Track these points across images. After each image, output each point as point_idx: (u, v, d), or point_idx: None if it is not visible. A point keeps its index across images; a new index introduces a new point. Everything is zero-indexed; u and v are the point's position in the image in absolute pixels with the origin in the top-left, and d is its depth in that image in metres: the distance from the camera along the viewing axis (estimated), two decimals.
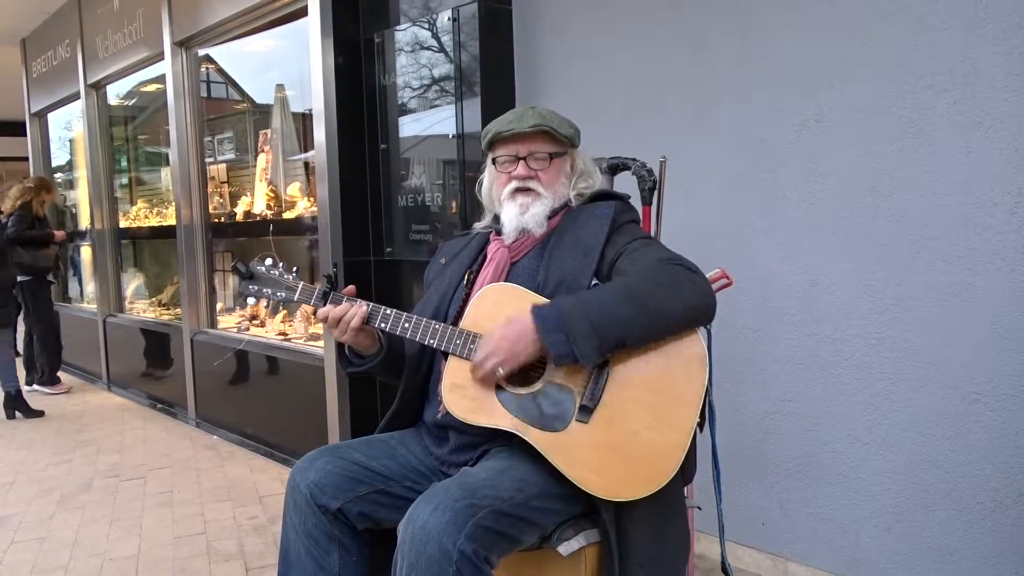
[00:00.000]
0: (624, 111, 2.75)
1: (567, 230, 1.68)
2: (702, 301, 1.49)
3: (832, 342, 2.30)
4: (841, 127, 2.24)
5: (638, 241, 1.62)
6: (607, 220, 1.65)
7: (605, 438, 1.47)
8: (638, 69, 2.71)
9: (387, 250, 3.44)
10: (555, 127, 1.69)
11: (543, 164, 1.72)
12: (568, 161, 1.76)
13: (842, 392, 2.29)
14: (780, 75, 2.35)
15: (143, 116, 6.35)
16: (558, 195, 1.73)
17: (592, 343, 1.42)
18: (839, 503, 2.33)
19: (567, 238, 1.66)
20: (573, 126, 1.76)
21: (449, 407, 1.56)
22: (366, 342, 1.71)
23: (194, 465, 3.98)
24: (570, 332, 1.42)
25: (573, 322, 1.42)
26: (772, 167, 2.39)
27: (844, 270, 2.26)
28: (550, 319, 1.44)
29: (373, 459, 1.64)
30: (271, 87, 4.89)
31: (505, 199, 1.74)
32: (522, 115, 1.71)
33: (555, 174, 1.73)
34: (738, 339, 2.49)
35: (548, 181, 1.72)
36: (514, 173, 1.73)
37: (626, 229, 1.67)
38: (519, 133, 1.71)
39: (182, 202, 4.86)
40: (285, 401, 3.99)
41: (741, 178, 2.46)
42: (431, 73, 3.17)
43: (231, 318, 5.03)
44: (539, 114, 1.71)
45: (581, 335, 1.42)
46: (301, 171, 4.61)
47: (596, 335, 1.42)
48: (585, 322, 1.42)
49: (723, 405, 2.50)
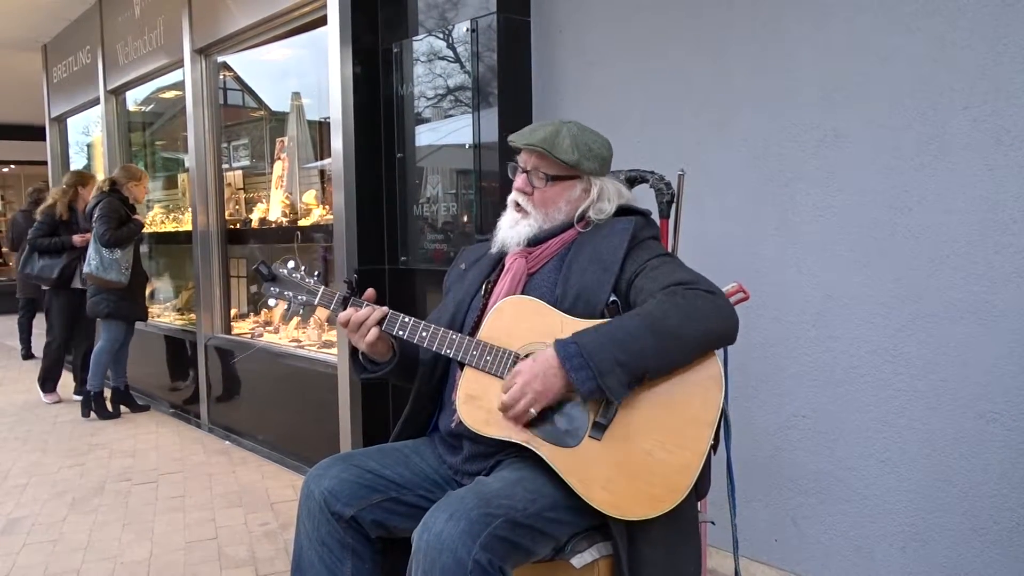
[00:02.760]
0: (642, 122, 2.76)
1: (587, 243, 1.68)
2: (723, 325, 1.50)
3: (848, 358, 2.30)
4: (860, 142, 2.24)
5: (657, 259, 1.62)
6: (627, 235, 1.65)
7: (618, 456, 1.48)
8: (656, 81, 2.72)
9: (402, 259, 3.46)
10: (551, 150, 1.67)
11: (540, 183, 1.72)
12: (578, 187, 1.73)
13: (858, 409, 2.29)
14: (798, 88, 2.36)
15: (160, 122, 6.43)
16: (550, 219, 1.73)
17: (619, 378, 1.43)
18: (853, 520, 2.32)
19: (586, 252, 1.66)
20: (592, 151, 1.71)
21: (463, 418, 1.57)
22: (381, 349, 1.73)
23: (206, 470, 4.00)
24: (597, 368, 1.43)
25: (598, 358, 1.44)
26: (789, 181, 2.40)
27: (861, 286, 2.26)
28: (575, 355, 1.45)
29: (387, 467, 1.65)
30: (288, 95, 4.94)
31: (508, 206, 1.78)
32: (535, 130, 1.72)
33: (552, 197, 1.72)
34: (753, 354, 2.49)
35: (540, 202, 1.72)
36: (516, 183, 1.75)
37: (646, 245, 1.67)
38: (522, 146, 1.73)
39: (199, 208, 4.91)
40: (297, 408, 4.01)
41: (758, 191, 2.47)
42: (448, 83, 3.20)
43: (245, 324, 5.07)
44: (549, 134, 1.69)
45: (607, 371, 1.43)
46: (316, 179, 4.65)
47: (623, 370, 1.43)
48: (610, 358, 1.43)
49: (738, 420, 2.50)
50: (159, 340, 5.56)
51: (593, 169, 1.73)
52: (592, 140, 1.73)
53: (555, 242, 1.72)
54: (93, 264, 4.85)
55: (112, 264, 4.88)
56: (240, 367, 4.50)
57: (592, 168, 1.72)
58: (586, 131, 1.73)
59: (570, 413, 1.51)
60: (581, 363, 1.44)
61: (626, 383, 1.44)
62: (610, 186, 1.75)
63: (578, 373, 1.44)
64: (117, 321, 5.04)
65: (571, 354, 1.45)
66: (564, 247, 1.72)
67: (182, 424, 5.05)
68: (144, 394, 5.69)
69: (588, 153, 1.71)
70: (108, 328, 5.04)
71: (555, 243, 1.72)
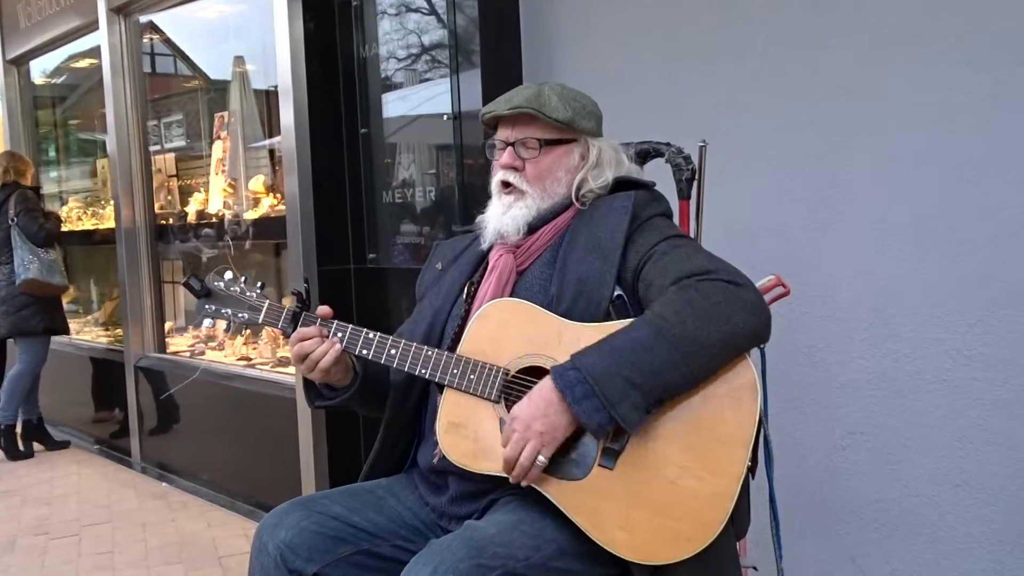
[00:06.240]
0: (654, 83, 2.76)
1: (582, 228, 1.68)
2: (752, 321, 1.49)
3: (912, 361, 2.30)
4: (915, 99, 2.24)
5: (666, 242, 1.61)
6: (625, 214, 1.64)
7: (635, 487, 1.47)
8: (670, 30, 2.72)
9: (370, 256, 3.46)
10: (541, 109, 1.68)
11: (532, 153, 1.72)
12: (575, 151, 1.75)
13: (926, 423, 2.29)
14: (841, 36, 2.36)
15: (74, 97, 6.41)
16: (549, 194, 1.73)
17: (634, 403, 1.42)
18: (925, 557, 2.32)
19: (582, 238, 1.66)
20: (585, 108, 1.74)
21: (446, 451, 1.56)
22: (338, 374, 1.72)
23: (139, 519, 3.99)
24: (604, 396, 1.41)
25: (606, 383, 1.42)
26: (833, 148, 2.40)
27: (924, 273, 2.26)
28: (576, 383, 1.43)
29: (356, 513, 1.64)
30: (228, 60, 4.92)
31: (493, 193, 1.77)
32: (514, 94, 1.73)
33: (547, 167, 1.73)
34: (798, 359, 2.49)
35: (534, 176, 1.72)
36: (501, 161, 1.75)
37: (651, 226, 1.66)
38: (502, 116, 1.73)
39: (122, 200, 4.90)
40: (249, 440, 4.00)
41: (795, 162, 2.47)
42: (421, 41, 3.19)
43: (183, 339, 5.06)
44: (532, 94, 1.71)
45: (618, 397, 1.41)
46: (266, 161, 4.64)
47: (638, 393, 1.42)
48: (620, 380, 1.42)
49: (781, 440, 2.49)
50: (79, 362, 5.55)
51: (590, 128, 1.75)
52: (580, 96, 1.76)
53: (547, 230, 1.72)
54: (33, 269, 4.87)
55: (52, 266, 4.94)
56: (179, 393, 4.49)
57: (589, 127, 1.75)
58: (570, 89, 1.76)
59: (575, 438, 1.50)
60: (585, 391, 1.42)
61: (643, 408, 1.42)
62: (608, 149, 1.77)
63: (582, 405, 1.42)
64: (42, 337, 5.06)
65: (571, 383, 1.44)
66: (557, 235, 1.71)
67: (109, 463, 5.04)
68: (62, 428, 5.67)
69: (581, 110, 1.73)
70: (32, 347, 5.06)
71: (547, 231, 1.72)
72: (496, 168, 1.76)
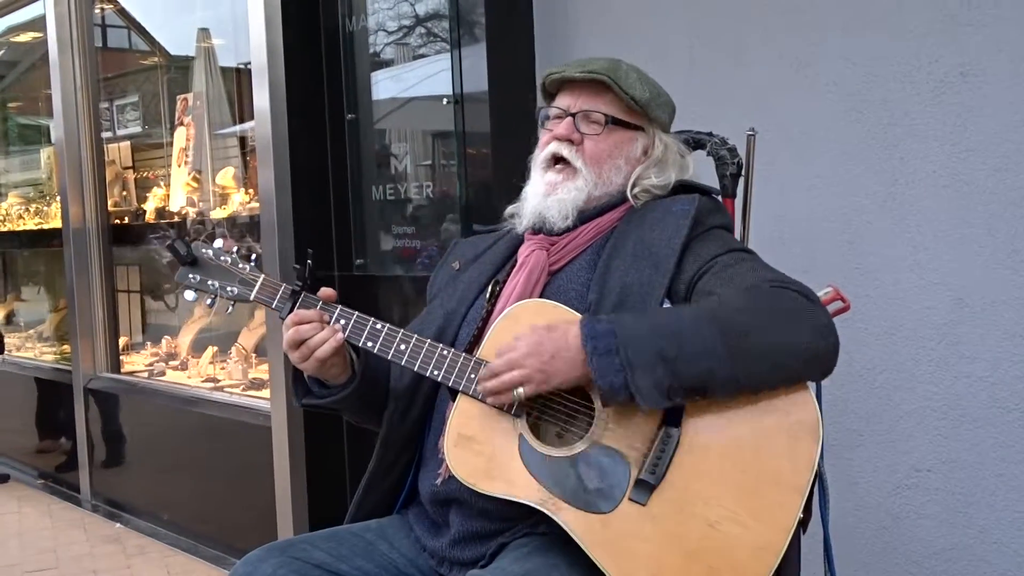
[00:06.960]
0: (690, 61, 2.76)
1: (631, 231, 1.69)
2: (819, 343, 1.49)
3: (989, 387, 2.30)
4: (996, 84, 2.24)
5: (731, 255, 1.62)
6: (686, 219, 1.66)
7: (670, 528, 1.47)
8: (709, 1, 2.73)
9: (357, 262, 3.46)
10: (619, 81, 1.70)
11: (595, 128, 1.74)
12: (639, 142, 1.77)
13: (1004, 458, 2.29)
14: (910, 9, 2.36)
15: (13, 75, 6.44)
16: (604, 180, 1.74)
17: (656, 378, 1.42)
18: None
19: (631, 241, 1.67)
20: (662, 96, 1.78)
21: (454, 467, 1.55)
22: (335, 368, 1.72)
23: (89, 565, 3.99)
24: (628, 358, 1.42)
25: (636, 347, 1.43)
26: (899, 139, 2.40)
27: (1004, 283, 2.26)
28: (604, 335, 1.44)
29: (342, 560, 1.65)
30: (192, 34, 4.94)
31: (535, 169, 1.79)
32: (588, 61, 1.76)
33: (608, 149, 1.74)
34: (857, 384, 2.49)
35: (592, 155, 1.73)
36: (556, 131, 1.75)
37: (713, 236, 1.68)
38: (571, 79, 1.74)
39: (70, 196, 4.90)
40: (216, 474, 4.01)
41: (855, 156, 2.47)
42: (416, 11, 3.20)
43: (140, 357, 5.07)
44: (610, 64, 1.73)
45: (642, 364, 1.42)
46: (236, 151, 4.65)
47: (665, 369, 1.42)
48: (652, 349, 1.42)
49: (836, 478, 2.49)
50: (20, 382, 5.56)
51: (662, 120, 1.78)
52: (658, 85, 1.78)
53: (589, 228, 1.74)
54: None
55: None
56: (134, 418, 4.50)
57: (662, 118, 1.78)
58: (647, 74, 1.78)
59: (601, 463, 1.51)
60: (608, 346, 1.43)
61: (665, 388, 1.42)
62: (675, 148, 1.79)
63: (601, 359, 1.43)
64: None
65: (599, 333, 1.45)
66: (601, 235, 1.73)
67: (55, 500, 5.04)
68: (1, 459, 5.68)
69: (658, 97, 1.77)
70: None
71: (588, 229, 1.73)
72: (546, 140, 1.78)
